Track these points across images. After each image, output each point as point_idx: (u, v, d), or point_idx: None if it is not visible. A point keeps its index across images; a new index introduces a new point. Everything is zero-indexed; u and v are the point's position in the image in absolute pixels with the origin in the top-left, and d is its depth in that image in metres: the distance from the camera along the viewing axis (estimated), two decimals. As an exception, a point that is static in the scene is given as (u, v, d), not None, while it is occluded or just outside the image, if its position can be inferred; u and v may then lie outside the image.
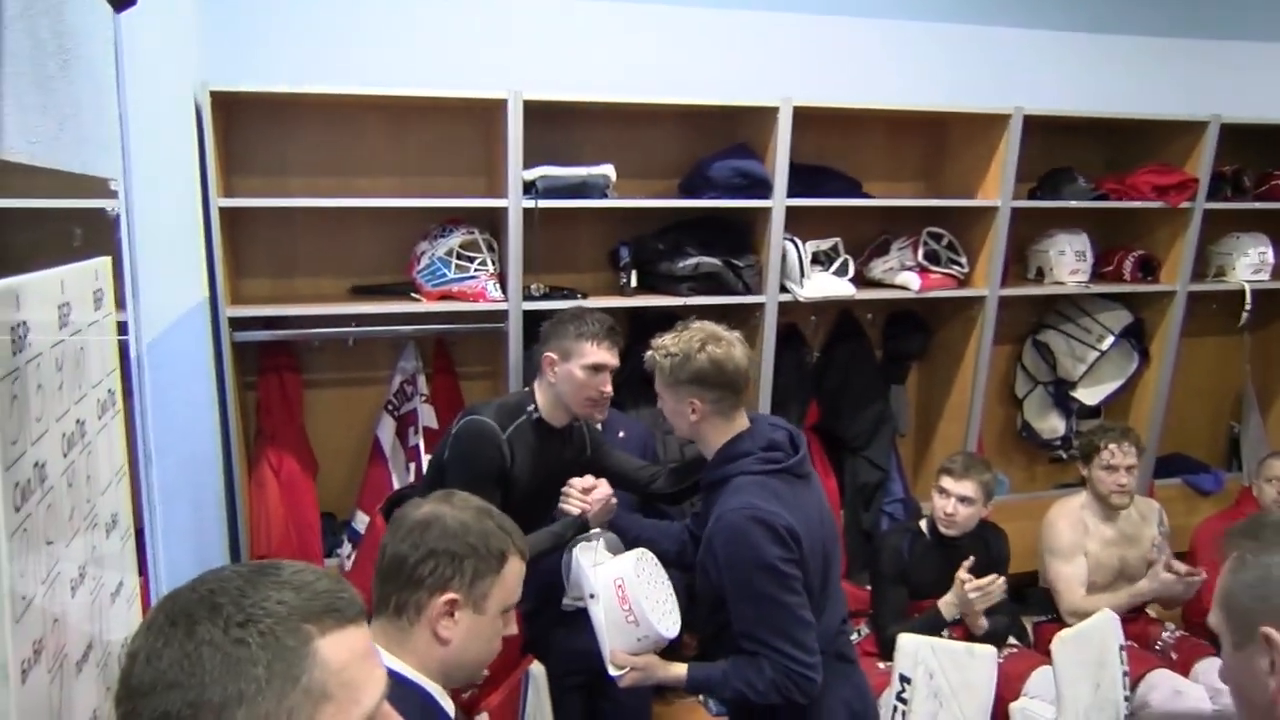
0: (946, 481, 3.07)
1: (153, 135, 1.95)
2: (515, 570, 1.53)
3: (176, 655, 0.82)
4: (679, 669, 2.11)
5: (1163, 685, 2.98)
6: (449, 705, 1.47)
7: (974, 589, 2.89)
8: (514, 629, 1.57)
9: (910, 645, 2.74)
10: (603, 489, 2.44)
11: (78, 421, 1.17)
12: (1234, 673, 1.15)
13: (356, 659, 0.90)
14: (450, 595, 1.44)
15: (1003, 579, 2.95)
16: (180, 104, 2.49)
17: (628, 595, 2.09)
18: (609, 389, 2.48)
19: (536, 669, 2.58)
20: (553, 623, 2.77)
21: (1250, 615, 1.09)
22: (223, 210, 2.80)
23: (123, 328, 1.48)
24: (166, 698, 0.81)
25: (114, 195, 1.48)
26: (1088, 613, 2.98)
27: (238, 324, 2.96)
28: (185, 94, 2.58)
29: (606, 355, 2.44)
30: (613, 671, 2.13)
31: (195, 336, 2.57)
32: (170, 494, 1.93)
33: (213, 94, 2.73)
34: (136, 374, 1.63)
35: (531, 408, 2.49)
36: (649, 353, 2.19)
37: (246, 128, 3.13)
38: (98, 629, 1.23)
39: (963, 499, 3.03)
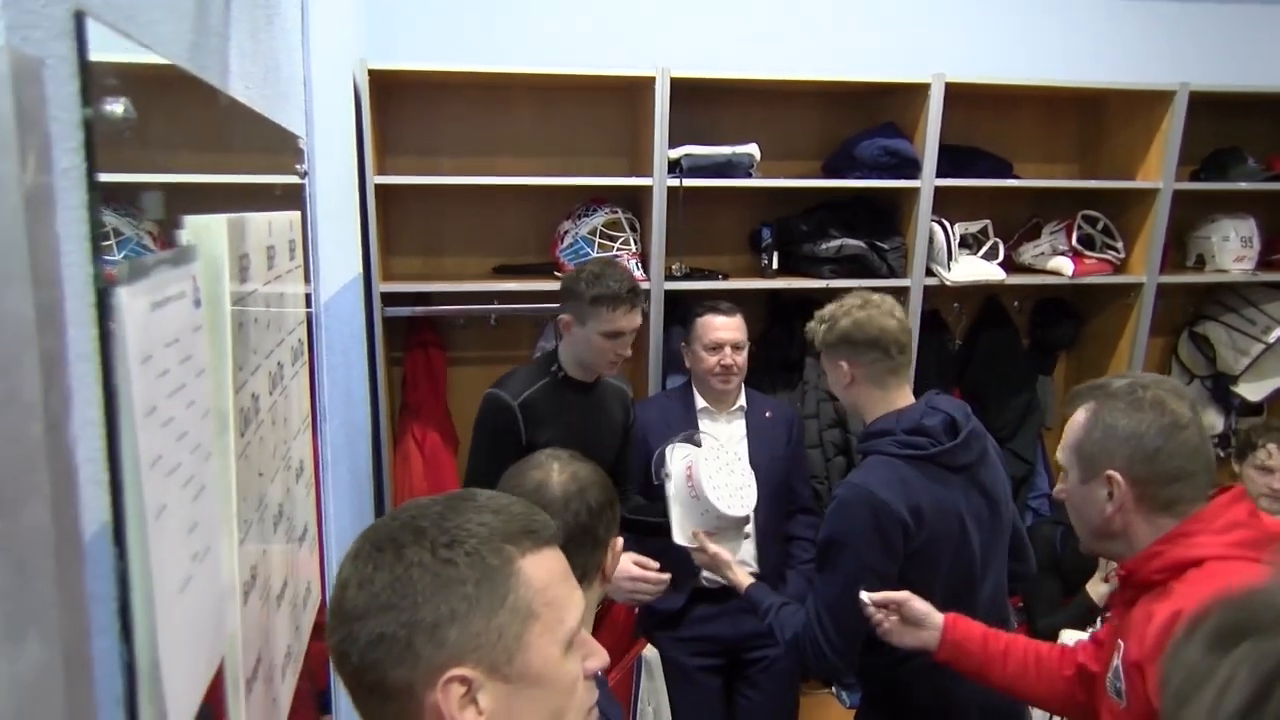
0: (1267, 457, 3.01)
1: (324, 105, 2.01)
2: None
3: (388, 579, 0.84)
4: (744, 580, 2.18)
5: None
6: None
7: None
8: None
9: (1071, 641, 2.62)
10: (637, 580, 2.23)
11: (279, 364, 1.20)
12: (1075, 499, 1.53)
13: (557, 579, 0.91)
14: (620, 538, 1.50)
15: None
16: (343, 79, 2.55)
17: (694, 473, 2.21)
18: (628, 352, 2.42)
19: (650, 653, 2.57)
20: (688, 600, 2.74)
21: (1097, 460, 1.47)
22: (377, 187, 2.88)
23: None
24: (381, 619, 0.83)
25: (302, 153, 1.52)
26: None
27: (388, 299, 3.04)
28: (346, 71, 2.65)
29: (623, 321, 2.32)
30: (678, 540, 2.24)
31: (351, 309, 2.63)
32: (336, 456, 1.98)
33: (370, 72, 2.80)
34: (316, 333, 1.67)
35: (555, 367, 2.45)
36: (810, 324, 2.17)
37: (399, 107, 3.21)
38: (290, 568, 1.27)
39: None
